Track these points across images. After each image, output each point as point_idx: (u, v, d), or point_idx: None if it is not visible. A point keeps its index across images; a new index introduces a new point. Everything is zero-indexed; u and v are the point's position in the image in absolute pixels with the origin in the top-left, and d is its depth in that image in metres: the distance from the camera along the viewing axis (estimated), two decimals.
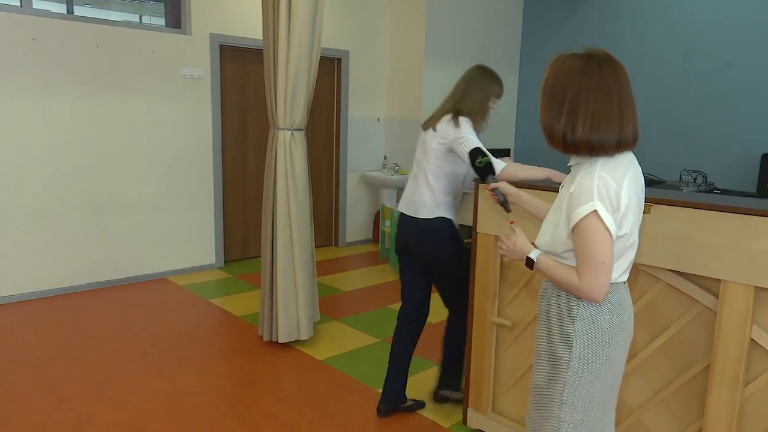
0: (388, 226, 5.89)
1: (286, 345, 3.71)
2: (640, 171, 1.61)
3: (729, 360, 1.85)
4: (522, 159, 6.88)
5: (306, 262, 3.64)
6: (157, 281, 5.05)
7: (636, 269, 2.11)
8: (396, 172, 6.36)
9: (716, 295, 1.90)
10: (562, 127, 1.51)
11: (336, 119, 6.34)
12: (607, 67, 1.51)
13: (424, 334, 4.03)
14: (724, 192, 4.11)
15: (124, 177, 4.87)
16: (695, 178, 4.17)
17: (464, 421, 2.76)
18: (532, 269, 1.64)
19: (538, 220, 1.90)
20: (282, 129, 3.53)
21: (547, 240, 1.62)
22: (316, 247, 6.27)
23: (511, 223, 1.82)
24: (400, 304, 2.96)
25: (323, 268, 5.57)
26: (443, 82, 6.48)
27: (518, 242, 1.68)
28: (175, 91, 5.06)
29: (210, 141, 5.34)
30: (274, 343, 3.72)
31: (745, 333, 1.82)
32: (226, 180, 5.60)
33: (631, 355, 2.15)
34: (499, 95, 2.81)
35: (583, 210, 1.46)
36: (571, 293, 1.55)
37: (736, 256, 1.80)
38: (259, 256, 4.72)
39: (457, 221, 2.78)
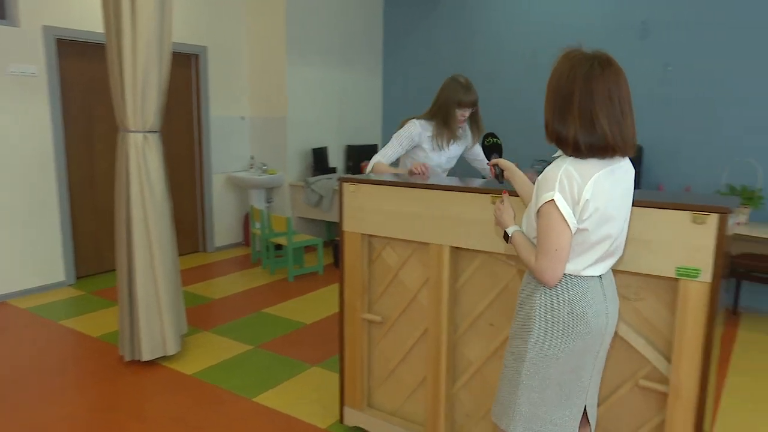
0: (258, 228, 5.74)
1: (151, 363, 3.47)
2: (630, 177, 1.66)
3: None
4: None
5: (168, 271, 3.43)
6: None
7: (493, 258, 2.22)
8: (264, 171, 6.21)
9: None
10: (570, 129, 1.54)
11: (197, 119, 6.03)
12: (609, 73, 1.54)
13: (301, 336, 3.99)
14: None
15: None
16: (545, 168, 4.51)
17: (341, 419, 2.76)
18: (507, 242, 1.75)
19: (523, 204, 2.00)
20: (133, 132, 3.27)
21: (524, 225, 1.72)
22: (181, 255, 5.96)
23: (504, 192, 1.90)
24: (274, 307, 2.89)
25: (190, 276, 5.30)
26: (307, 78, 6.46)
27: (504, 214, 1.80)
28: (4, 91, 4.51)
29: (50, 145, 4.83)
30: (137, 363, 3.46)
31: None
32: (73, 188, 5.11)
33: (493, 339, 2.27)
34: (462, 103, 2.90)
35: (543, 198, 1.55)
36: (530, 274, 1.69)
37: None
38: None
39: None
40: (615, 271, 1.95)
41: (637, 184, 1.98)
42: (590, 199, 1.53)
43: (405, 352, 2.53)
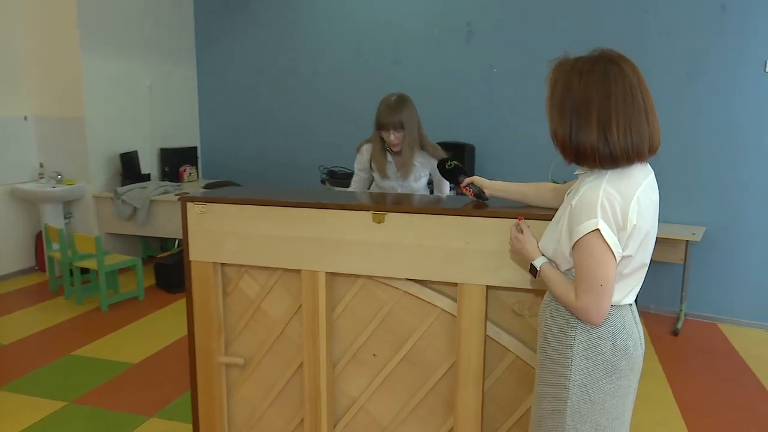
0: (56, 249, 4.80)
1: None
2: (655, 185, 1.46)
3: (471, 358, 1.88)
4: (210, 161, 6.43)
5: None
6: None
7: (373, 282, 1.99)
8: (59, 182, 5.22)
9: (453, 299, 1.90)
10: (593, 140, 1.36)
11: None
12: (628, 68, 1.37)
13: (128, 380, 3.39)
14: None
15: None
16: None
17: None
18: (535, 277, 1.53)
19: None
20: None
21: (549, 254, 1.50)
22: None
23: (520, 219, 1.63)
24: (87, 346, 2.33)
25: None
26: (109, 70, 5.57)
27: (527, 245, 1.56)
28: None
29: None
30: None
31: (482, 331, 1.86)
32: None
33: (378, 370, 2.04)
34: (380, 125, 2.71)
35: (585, 227, 1.34)
36: (569, 312, 1.45)
37: (470, 258, 1.82)
38: None
39: None
40: (506, 288, 1.84)
41: None
42: (636, 222, 1.36)
43: (275, 394, 2.19)
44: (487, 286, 1.83)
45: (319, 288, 2.00)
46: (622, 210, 1.35)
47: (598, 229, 1.33)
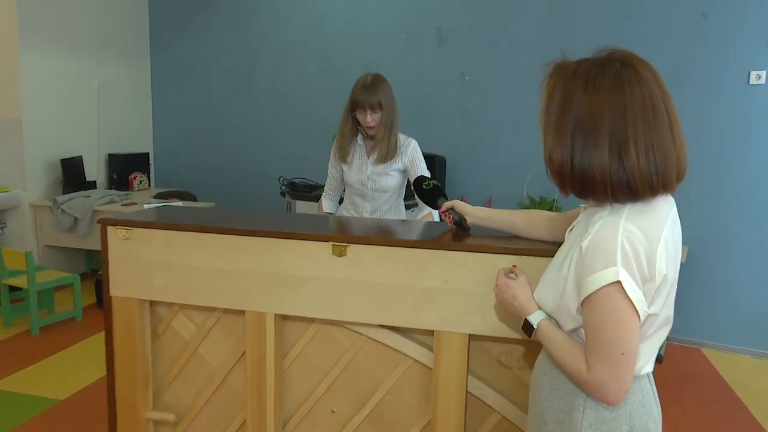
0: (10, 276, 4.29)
1: None
2: (677, 217, 1.15)
3: (450, 418, 1.56)
4: (163, 168, 6.00)
5: None
6: None
7: (333, 326, 1.66)
8: None
9: (429, 347, 1.59)
10: (605, 164, 1.05)
11: None
12: (647, 72, 1.07)
13: (53, 421, 2.90)
14: None
15: None
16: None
17: None
18: (529, 337, 1.19)
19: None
20: None
21: (549, 308, 1.17)
22: None
23: (514, 267, 1.30)
24: (10, 378, 1.94)
25: None
26: (52, 70, 5.09)
27: (519, 295, 1.21)
28: None
29: None
30: None
31: (463, 386, 1.55)
32: None
33: (337, 430, 1.71)
34: (354, 103, 2.42)
35: (601, 278, 1.02)
36: (576, 385, 1.12)
37: (450, 300, 1.51)
38: None
39: None
40: (491, 337, 1.53)
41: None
42: (666, 271, 1.05)
43: None
44: (469, 334, 1.52)
45: (266, 332, 1.66)
46: (648, 256, 1.04)
47: (618, 281, 1.01)
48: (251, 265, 1.63)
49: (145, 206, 4.62)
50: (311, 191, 4.26)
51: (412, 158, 2.50)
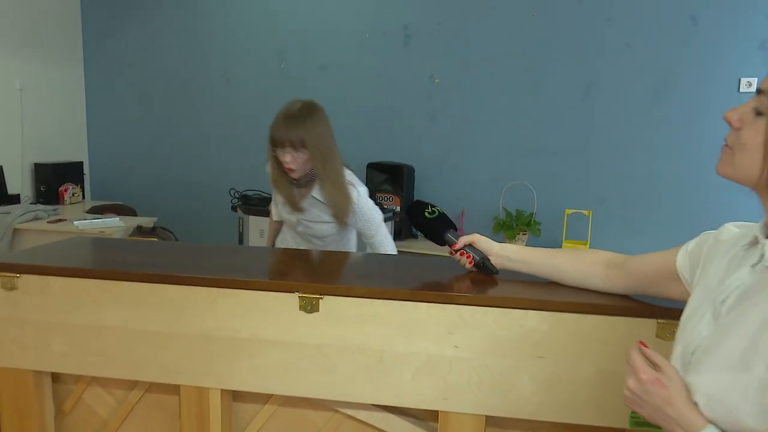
0: None
1: None
2: None
3: None
4: (100, 179, 5.41)
5: None
6: None
7: (301, 402, 1.24)
8: None
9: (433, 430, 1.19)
10: None
11: None
12: None
13: None
14: None
15: None
16: None
17: None
18: None
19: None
20: None
21: (725, 420, 0.70)
22: None
23: (642, 344, 0.80)
24: None
25: None
26: None
27: (676, 400, 0.73)
28: None
29: None
30: None
31: None
32: None
33: None
34: (271, 139, 2.01)
35: None
36: None
37: (460, 371, 1.12)
38: None
39: None
40: (514, 421, 1.15)
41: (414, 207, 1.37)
42: None
43: None
44: (486, 416, 1.13)
45: (210, 412, 1.23)
46: None
47: None
48: (187, 324, 1.20)
49: (76, 223, 4.06)
50: (266, 205, 3.81)
51: (359, 212, 1.98)
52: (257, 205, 3.83)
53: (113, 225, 4.02)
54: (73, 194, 4.98)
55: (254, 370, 1.19)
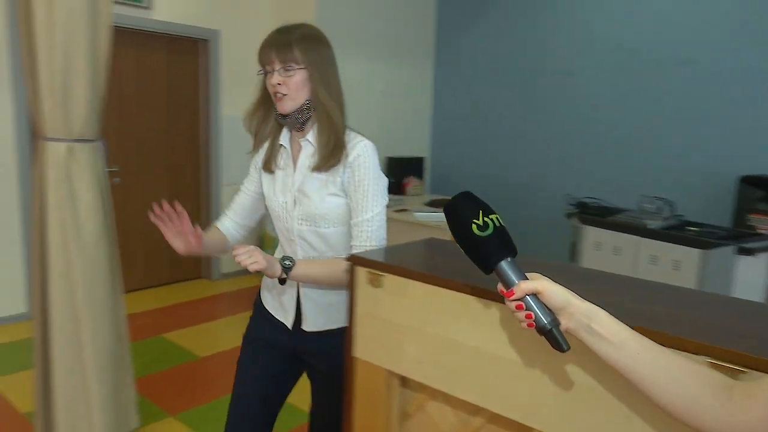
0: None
1: None
2: None
3: None
4: (438, 174, 5.79)
5: (104, 352, 2.29)
6: None
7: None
8: None
9: None
10: None
11: (205, 118, 4.94)
12: None
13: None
14: (696, 225, 3.17)
15: None
16: (659, 208, 3.19)
17: None
18: None
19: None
20: (51, 140, 2.15)
21: None
22: (178, 281, 4.88)
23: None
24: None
25: (180, 315, 4.19)
26: (343, 72, 5.23)
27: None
28: None
29: (9, 147, 3.81)
30: None
31: None
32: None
33: None
34: (259, 60, 1.50)
35: None
36: None
37: None
38: None
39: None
40: None
41: None
42: None
43: None
44: None
45: None
46: None
47: None
48: (552, 362, 1.03)
49: (416, 215, 4.40)
50: (605, 215, 3.47)
51: (357, 173, 1.44)
52: (597, 214, 3.52)
53: None
54: (414, 187, 5.42)
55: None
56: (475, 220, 0.85)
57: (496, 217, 0.87)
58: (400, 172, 5.39)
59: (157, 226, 1.44)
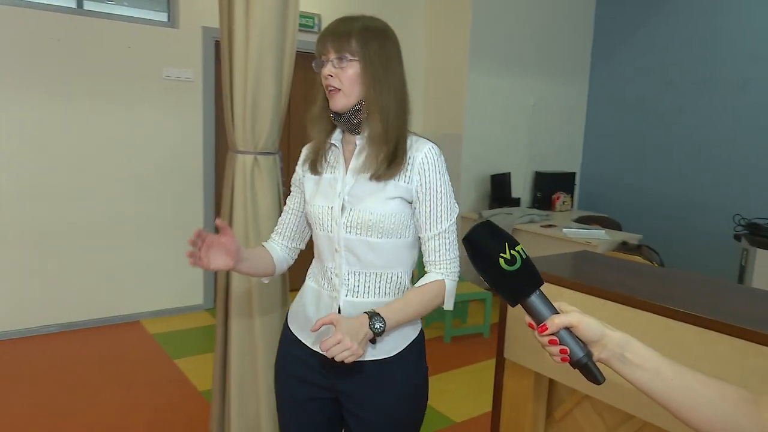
0: None
1: None
2: None
3: None
4: (588, 190, 5.60)
5: (272, 340, 2.58)
6: (125, 326, 4.13)
7: None
8: None
9: None
10: None
11: None
12: None
13: None
14: None
15: (87, 198, 3.98)
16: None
17: None
18: None
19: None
20: (242, 153, 2.49)
21: None
22: None
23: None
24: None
25: None
26: (492, 89, 5.33)
27: None
28: (156, 96, 4.15)
29: (200, 157, 4.40)
30: None
31: None
32: (220, 202, 4.65)
33: None
34: (317, 51, 1.33)
35: None
36: None
37: None
38: None
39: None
40: None
41: None
42: None
43: None
44: None
45: None
46: None
47: None
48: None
49: (564, 231, 4.32)
50: (759, 234, 3.16)
51: (428, 180, 1.28)
52: (766, 236, 3.21)
53: (598, 237, 4.08)
54: (563, 202, 5.31)
55: None
56: (502, 254, 0.80)
57: (522, 248, 0.82)
58: (549, 187, 5.31)
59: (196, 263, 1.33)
